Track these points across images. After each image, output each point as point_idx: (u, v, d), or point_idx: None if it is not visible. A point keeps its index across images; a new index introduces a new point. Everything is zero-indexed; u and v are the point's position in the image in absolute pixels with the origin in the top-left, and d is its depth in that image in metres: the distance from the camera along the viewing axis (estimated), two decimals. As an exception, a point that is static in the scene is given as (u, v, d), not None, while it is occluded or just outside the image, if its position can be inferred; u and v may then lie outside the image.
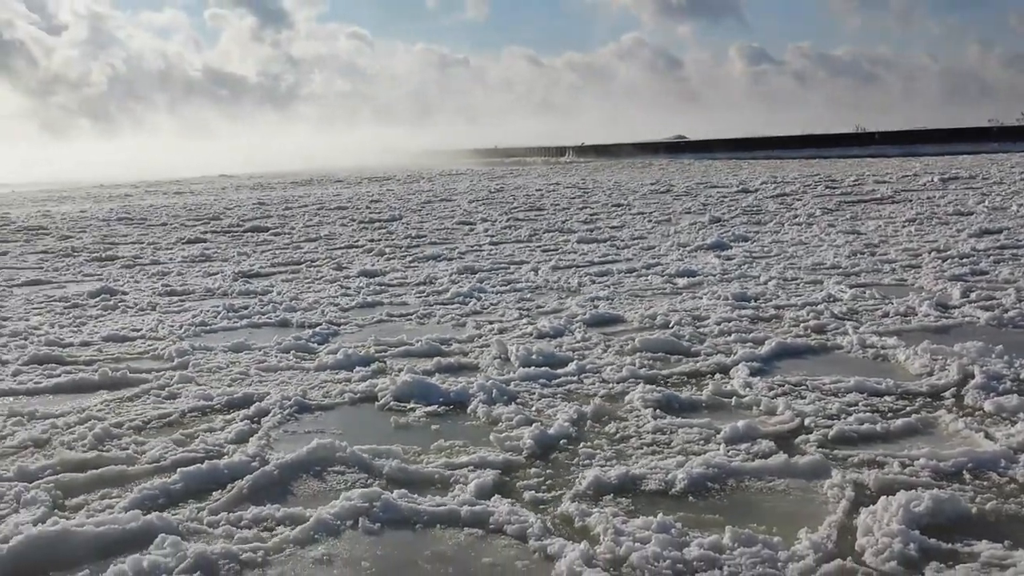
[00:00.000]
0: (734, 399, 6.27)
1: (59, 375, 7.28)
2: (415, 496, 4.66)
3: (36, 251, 18.35)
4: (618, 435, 5.60)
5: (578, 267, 13.07)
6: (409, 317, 9.50)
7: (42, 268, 15.46)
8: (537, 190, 32.21)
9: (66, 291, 12.43)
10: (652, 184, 32.15)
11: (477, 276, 12.27)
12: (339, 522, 4.38)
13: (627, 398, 6.29)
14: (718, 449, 5.25)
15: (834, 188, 25.87)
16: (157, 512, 4.49)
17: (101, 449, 5.47)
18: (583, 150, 75.13)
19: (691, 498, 4.64)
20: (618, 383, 6.67)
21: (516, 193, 30.76)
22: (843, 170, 35.55)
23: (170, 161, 79.78)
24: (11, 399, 6.65)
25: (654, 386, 6.52)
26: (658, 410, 5.98)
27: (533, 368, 6.96)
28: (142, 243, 19.21)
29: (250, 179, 50.99)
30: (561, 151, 75.99)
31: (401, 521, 4.43)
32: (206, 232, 21.07)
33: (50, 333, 9.05)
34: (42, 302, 11.38)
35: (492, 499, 4.60)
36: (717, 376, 6.80)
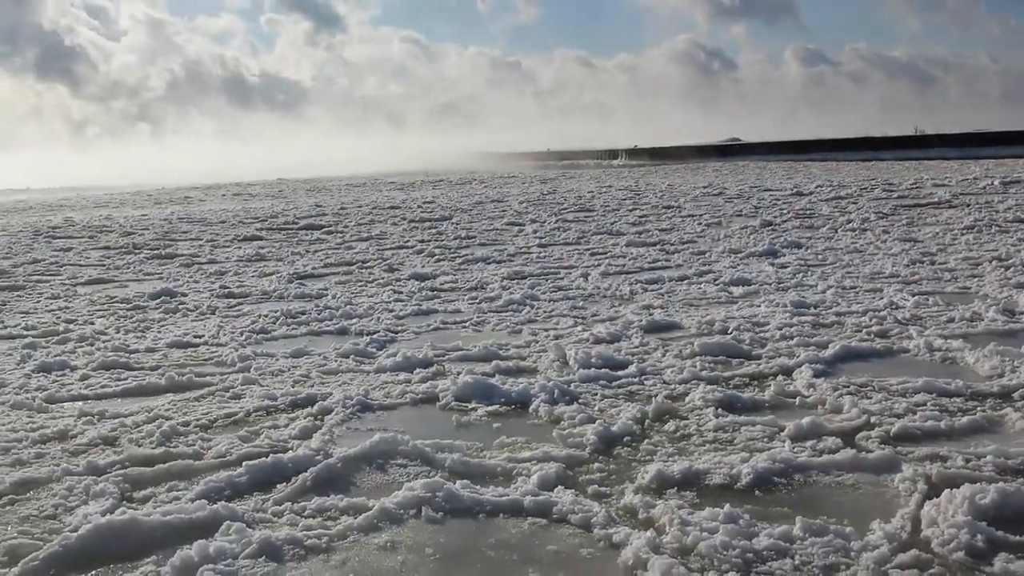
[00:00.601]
0: (798, 399, 6.17)
1: (127, 379, 7.41)
2: (477, 486, 4.66)
3: (98, 247, 18.85)
4: (680, 433, 5.55)
5: (628, 273, 12.99)
6: (464, 324, 9.52)
7: (104, 266, 15.92)
8: (588, 192, 32.09)
9: (128, 291, 12.69)
10: (704, 187, 31.71)
11: (527, 282, 12.28)
12: (402, 511, 4.39)
13: (688, 398, 6.23)
14: (783, 445, 5.17)
15: (891, 192, 25.28)
16: (223, 502, 4.55)
17: (168, 445, 5.55)
18: (635, 153, 73.51)
19: (757, 492, 4.57)
20: (679, 384, 6.60)
21: (567, 195, 30.69)
22: (900, 173, 34.81)
23: (227, 165, 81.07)
24: (80, 403, 6.78)
25: (716, 386, 6.44)
26: (720, 409, 5.91)
27: (593, 370, 6.92)
28: (200, 240, 19.64)
29: (306, 183, 51.56)
30: (613, 154, 74.81)
31: (464, 511, 4.43)
32: (261, 229, 21.54)
33: (116, 339, 9.23)
34: (105, 303, 11.65)
35: (555, 490, 4.58)
36: (779, 378, 6.69)
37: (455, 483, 4.65)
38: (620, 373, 6.91)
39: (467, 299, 11.17)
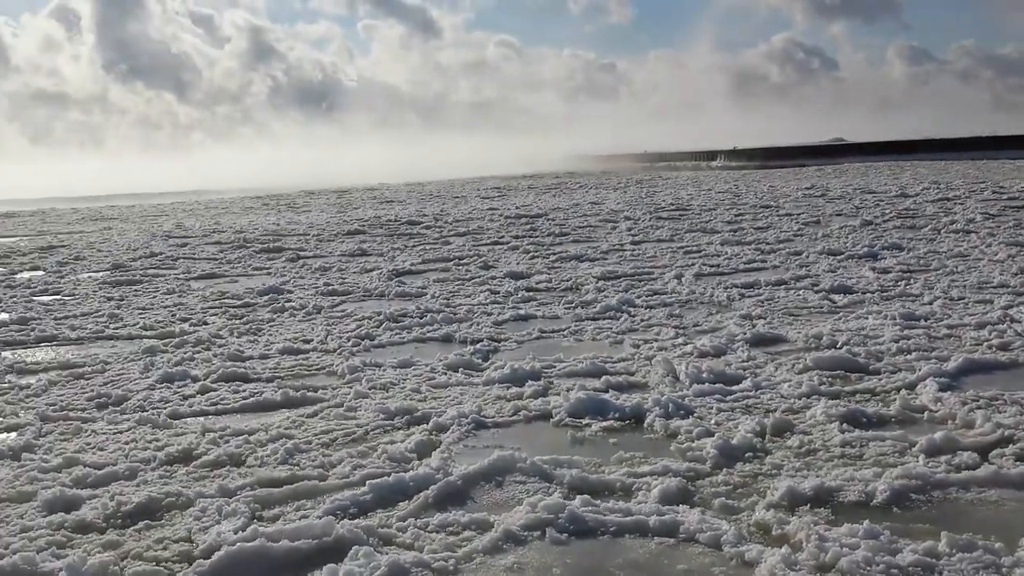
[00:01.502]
0: (925, 413, 5.95)
1: (244, 392, 7.58)
2: (599, 504, 4.60)
3: (212, 242, 19.65)
4: (804, 448, 5.40)
5: (723, 274, 12.78)
6: (563, 333, 9.46)
7: (217, 260, 16.67)
8: (685, 193, 31.85)
9: (238, 287, 13.21)
10: (807, 188, 30.90)
11: (622, 283, 12.21)
12: (526, 532, 4.37)
13: (809, 413, 6.06)
14: (916, 461, 4.99)
15: (1000, 194, 24.28)
16: (347, 521, 4.58)
17: (292, 463, 5.63)
18: (735, 154, 70.90)
19: (895, 509, 4.42)
20: (798, 398, 6.42)
21: (664, 196, 30.52)
22: (1011, 174, 33.53)
23: (328, 169, 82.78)
24: (202, 418, 6.96)
25: (837, 401, 6.26)
26: (844, 424, 5.73)
27: (706, 385, 6.79)
28: (307, 235, 20.23)
29: (406, 186, 52.31)
30: (712, 155, 72.96)
31: (588, 531, 4.38)
32: (364, 226, 22.31)
33: (231, 343, 9.49)
34: (216, 299, 12.14)
35: (680, 508, 4.50)
36: (903, 392, 6.45)
37: (576, 501, 4.60)
38: (735, 388, 6.75)
39: (563, 304, 11.13)
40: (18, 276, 16.25)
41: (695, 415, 6.14)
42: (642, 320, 9.85)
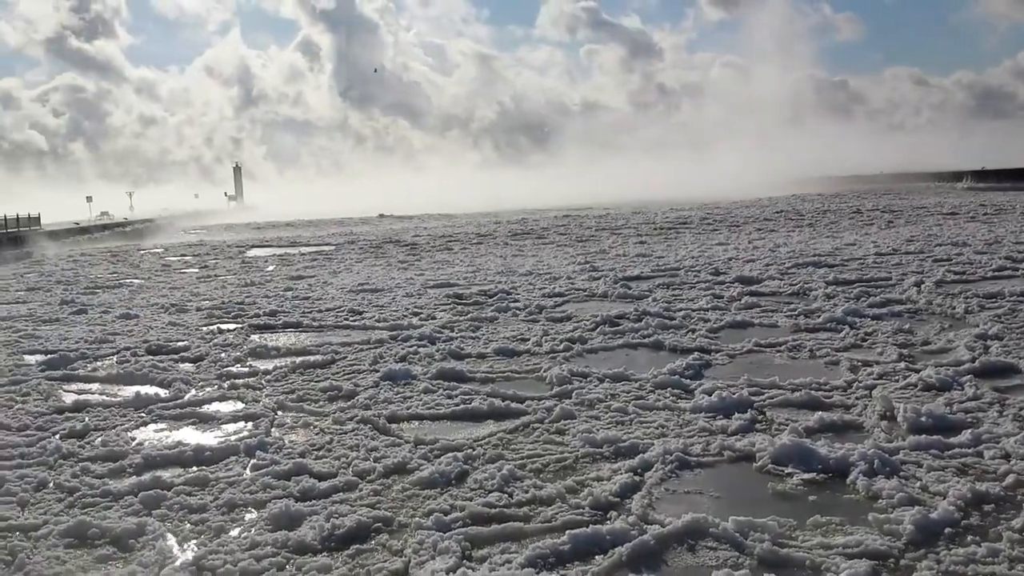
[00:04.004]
0: None
1: (456, 396, 8.16)
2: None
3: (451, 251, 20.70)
4: (1025, 532, 5.09)
5: (967, 282, 12.05)
6: (779, 348, 9.36)
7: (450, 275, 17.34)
8: (929, 213, 29.82)
9: (470, 290, 13.90)
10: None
11: (854, 289, 11.78)
12: (713, 608, 4.54)
13: (1038, 482, 5.73)
14: None
15: None
16: (547, 571, 4.95)
17: (505, 491, 6.04)
18: (983, 175, 64.14)
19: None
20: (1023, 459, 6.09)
21: (908, 215, 28.77)
22: None
23: (560, 191, 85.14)
24: (416, 423, 7.59)
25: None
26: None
27: (924, 436, 6.53)
28: (537, 256, 20.76)
29: (630, 204, 52.56)
30: (957, 176, 66.54)
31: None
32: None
33: (452, 340, 10.15)
34: (446, 300, 12.83)
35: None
36: None
37: (765, 578, 4.72)
38: (953, 440, 6.46)
39: (786, 311, 10.95)
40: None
41: (901, 475, 5.96)
42: (866, 335, 9.53)
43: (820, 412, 7.29)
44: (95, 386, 9.49)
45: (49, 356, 10.96)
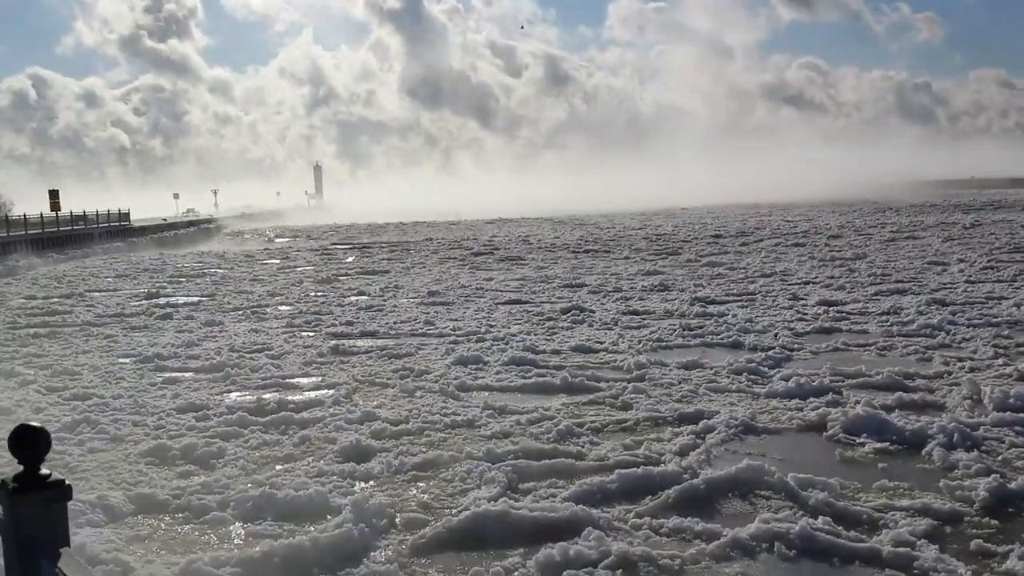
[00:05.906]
0: None
1: (530, 376, 8.12)
2: (838, 528, 4.45)
3: (514, 278, 20.07)
4: (1103, 502, 4.77)
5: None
6: (868, 348, 8.97)
7: (521, 291, 17.04)
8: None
9: (542, 309, 13.66)
10: None
11: (948, 309, 11.23)
12: (755, 543, 4.34)
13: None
14: None
15: None
16: (590, 506, 4.83)
17: (559, 443, 6.00)
18: None
19: None
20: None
21: (997, 229, 27.30)
22: None
23: (633, 192, 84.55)
24: (487, 393, 7.57)
25: None
26: None
27: (1009, 413, 6.17)
28: (604, 274, 20.31)
29: (708, 211, 51.64)
30: None
31: (818, 552, 4.26)
32: (664, 266, 21.47)
33: (526, 340, 10.12)
34: (521, 315, 12.74)
35: (920, 542, 4.24)
36: None
37: (815, 520, 4.49)
38: (1040, 421, 6.09)
39: (876, 322, 10.53)
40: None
41: (981, 448, 5.63)
42: (961, 337, 9.08)
43: (900, 392, 6.99)
44: (188, 375, 9.61)
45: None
